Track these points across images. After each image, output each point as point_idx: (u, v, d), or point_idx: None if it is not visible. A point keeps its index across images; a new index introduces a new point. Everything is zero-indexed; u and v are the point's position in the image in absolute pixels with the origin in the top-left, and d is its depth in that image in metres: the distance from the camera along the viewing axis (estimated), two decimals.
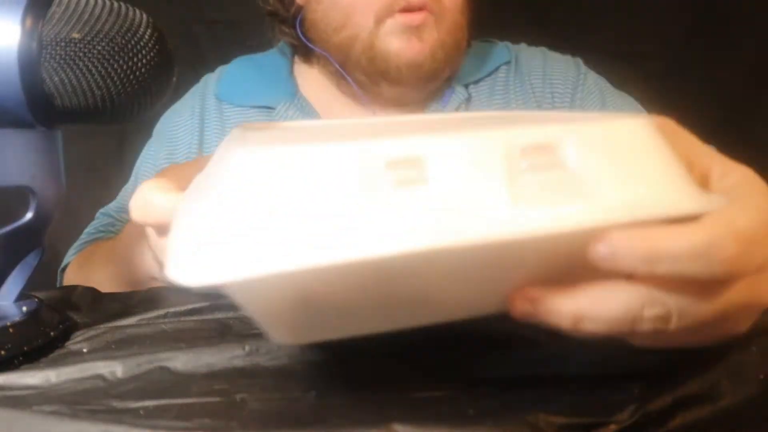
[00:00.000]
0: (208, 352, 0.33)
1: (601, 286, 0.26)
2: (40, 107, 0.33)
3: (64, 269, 0.73)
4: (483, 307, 0.28)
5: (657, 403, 0.27)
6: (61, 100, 0.33)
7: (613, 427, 0.26)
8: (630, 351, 0.28)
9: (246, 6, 0.82)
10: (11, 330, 0.35)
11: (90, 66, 0.33)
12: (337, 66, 0.74)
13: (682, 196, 0.26)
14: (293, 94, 0.79)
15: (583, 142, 0.26)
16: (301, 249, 0.23)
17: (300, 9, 0.77)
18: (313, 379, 0.31)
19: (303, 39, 0.77)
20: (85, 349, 0.36)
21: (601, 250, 0.25)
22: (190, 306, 0.39)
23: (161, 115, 0.82)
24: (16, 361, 0.34)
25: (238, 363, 0.32)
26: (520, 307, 0.27)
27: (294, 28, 0.78)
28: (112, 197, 0.81)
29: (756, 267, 0.26)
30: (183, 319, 0.38)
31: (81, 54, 0.32)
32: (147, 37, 0.34)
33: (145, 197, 0.34)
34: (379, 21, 0.70)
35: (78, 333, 0.38)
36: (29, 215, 0.37)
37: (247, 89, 0.80)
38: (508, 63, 0.80)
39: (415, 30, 0.70)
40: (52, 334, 0.37)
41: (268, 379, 0.31)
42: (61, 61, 0.32)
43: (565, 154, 0.26)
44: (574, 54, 0.83)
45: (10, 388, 0.31)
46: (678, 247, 0.24)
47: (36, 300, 0.39)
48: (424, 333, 0.27)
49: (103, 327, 0.38)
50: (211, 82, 0.82)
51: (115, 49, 0.33)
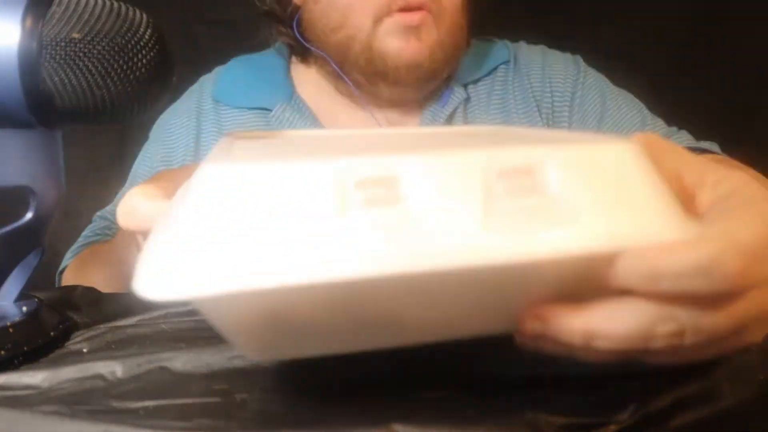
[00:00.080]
0: (208, 352, 0.33)
1: (612, 303, 0.25)
2: (40, 107, 0.33)
3: (62, 272, 0.73)
4: (465, 330, 0.28)
5: (657, 403, 0.27)
6: (61, 100, 0.33)
7: (613, 427, 0.26)
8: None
9: (246, 6, 0.81)
10: (11, 330, 0.35)
11: (90, 66, 0.33)
12: (334, 66, 0.73)
13: (665, 226, 0.25)
14: (290, 95, 0.78)
15: (565, 166, 0.26)
16: (267, 268, 0.23)
17: (297, 9, 0.76)
18: (313, 379, 0.31)
19: (300, 39, 0.76)
20: (85, 349, 0.36)
21: (602, 271, 0.25)
22: (190, 306, 0.39)
23: (159, 116, 0.82)
24: (16, 361, 0.34)
25: (238, 363, 0.32)
26: (530, 327, 0.26)
27: (291, 28, 0.77)
28: (112, 197, 0.81)
29: (764, 278, 0.25)
30: (183, 319, 0.38)
31: (81, 54, 0.32)
32: (147, 37, 0.34)
33: (131, 204, 0.34)
34: (377, 21, 0.69)
35: (78, 333, 0.38)
36: (29, 215, 0.37)
37: (244, 91, 0.79)
38: (507, 62, 0.80)
39: (414, 30, 0.69)
40: (52, 334, 0.37)
41: (268, 379, 0.31)
42: (61, 61, 0.32)
43: (544, 178, 0.25)
44: (573, 53, 0.83)
45: (10, 388, 0.31)
46: (679, 264, 0.24)
47: (36, 300, 0.39)
48: None
49: (103, 327, 0.38)
50: (207, 84, 0.82)
51: (115, 49, 0.33)
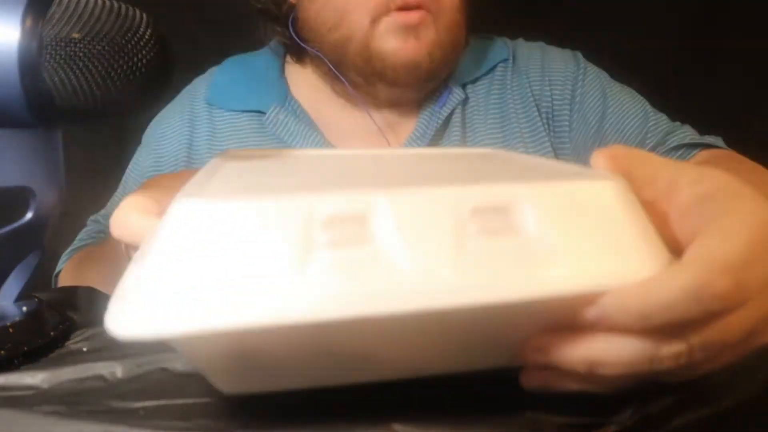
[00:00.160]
0: None
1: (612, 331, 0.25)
2: (40, 107, 0.33)
3: (57, 275, 0.73)
4: (443, 365, 0.27)
5: (657, 403, 0.27)
6: (61, 100, 0.33)
7: (613, 427, 0.26)
8: None
9: (246, 6, 0.80)
10: (11, 330, 0.35)
11: (90, 66, 0.33)
12: (330, 67, 0.72)
13: (645, 262, 0.25)
14: (284, 96, 0.76)
15: (540, 204, 0.25)
16: (234, 308, 0.23)
17: (292, 7, 0.75)
18: None
19: (295, 38, 0.74)
20: (85, 349, 0.36)
21: (591, 314, 0.24)
22: None
23: (154, 118, 0.80)
24: (16, 361, 0.34)
25: None
26: (532, 357, 0.26)
27: (286, 27, 0.75)
28: (111, 198, 0.81)
29: (759, 286, 0.25)
30: None
31: (81, 54, 0.32)
32: (147, 37, 0.34)
33: (123, 217, 0.35)
34: (374, 20, 0.67)
35: (78, 333, 0.38)
36: (29, 215, 0.37)
37: (238, 93, 0.78)
38: (505, 60, 0.78)
39: (413, 29, 0.67)
40: (52, 334, 0.37)
41: None
42: (61, 61, 0.32)
43: (519, 217, 0.25)
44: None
45: (10, 388, 0.31)
46: (667, 297, 0.24)
47: (36, 300, 0.39)
48: None
49: (102, 327, 0.38)
50: (201, 86, 0.80)
51: (115, 49, 0.33)
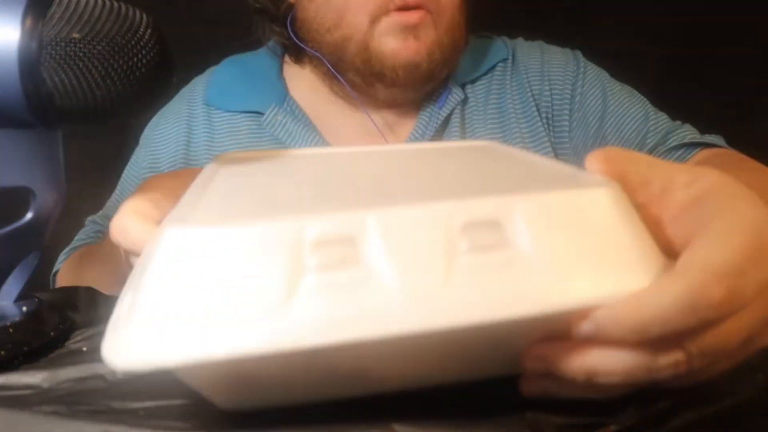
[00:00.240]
0: None
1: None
2: (40, 107, 0.33)
3: (55, 274, 0.73)
4: (439, 378, 0.27)
5: (657, 403, 0.27)
6: (61, 100, 0.33)
7: (613, 427, 0.26)
8: None
9: (246, 6, 0.80)
10: (11, 330, 0.35)
11: (90, 66, 0.33)
12: (329, 67, 0.71)
13: (641, 273, 0.25)
14: (282, 97, 0.76)
15: (532, 217, 0.25)
16: (225, 337, 0.23)
17: (291, 7, 0.74)
18: None
19: (294, 39, 0.74)
20: (84, 349, 0.36)
21: (585, 329, 0.24)
22: None
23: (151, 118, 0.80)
24: (16, 361, 0.34)
25: None
26: (531, 366, 0.26)
27: (285, 27, 0.75)
28: None
29: (755, 291, 0.25)
30: None
31: (81, 54, 0.32)
32: (147, 37, 0.34)
33: (123, 224, 0.35)
34: (374, 20, 0.67)
35: (78, 333, 0.38)
36: (29, 215, 0.37)
37: (236, 94, 0.77)
38: (505, 60, 0.78)
39: (412, 29, 0.67)
40: (52, 334, 0.37)
41: None
42: (61, 61, 0.32)
43: (511, 231, 0.25)
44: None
45: (10, 388, 0.31)
46: (662, 309, 0.23)
47: (36, 300, 0.39)
48: None
49: (103, 327, 0.38)
50: (199, 86, 0.80)
51: (115, 49, 0.33)
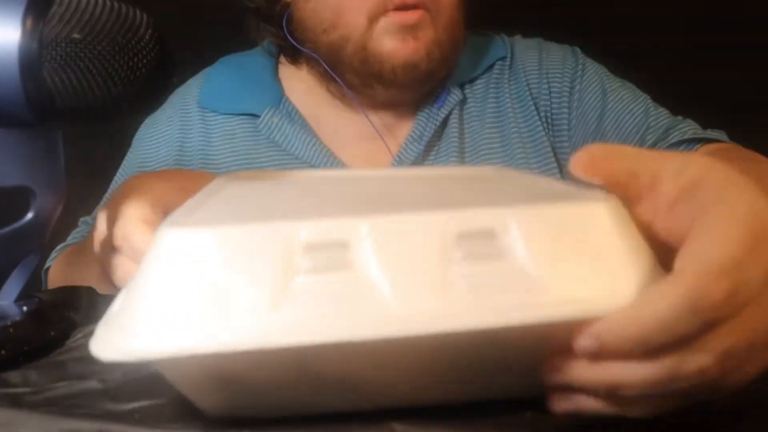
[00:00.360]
0: None
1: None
2: (41, 107, 0.33)
3: (46, 271, 0.73)
4: (434, 395, 0.27)
5: None
6: (62, 100, 0.33)
7: (612, 428, 0.26)
8: None
9: (241, 5, 0.80)
10: (11, 330, 0.35)
11: (90, 66, 0.33)
12: (327, 68, 0.71)
13: (637, 289, 0.24)
14: (278, 98, 0.75)
15: (528, 228, 0.25)
16: (211, 332, 0.23)
17: (286, 7, 0.73)
18: None
19: (290, 39, 0.73)
20: (84, 349, 0.36)
21: (587, 344, 0.23)
22: None
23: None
24: (16, 361, 0.34)
25: None
26: (550, 379, 0.25)
27: (280, 27, 0.74)
28: None
29: (761, 280, 0.24)
30: None
31: (82, 54, 0.32)
32: (147, 37, 0.34)
33: (129, 231, 0.35)
34: (372, 20, 0.66)
35: (78, 333, 0.38)
36: (29, 215, 0.37)
37: (231, 95, 0.76)
38: (503, 58, 0.77)
39: (411, 29, 0.66)
40: (52, 334, 0.37)
41: None
42: (62, 62, 0.32)
43: (506, 241, 0.25)
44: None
45: (10, 387, 0.31)
46: (661, 316, 0.23)
47: (36, 300, 0.39)
48: None
49: None
50: (193, 88, 0.79)
51: (116, 49, 0.33)
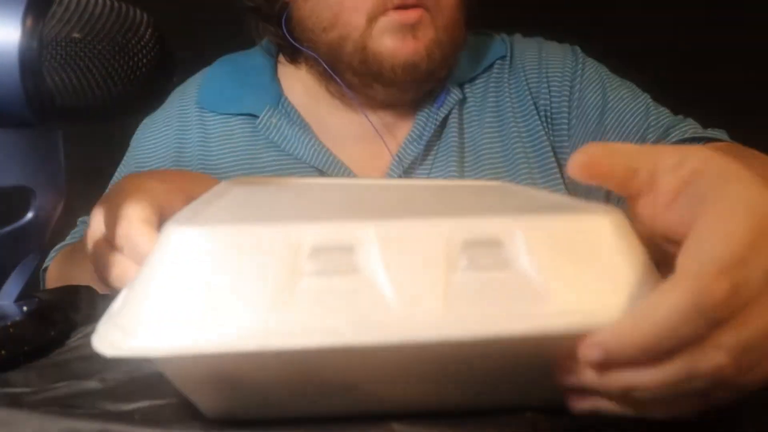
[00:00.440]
0: None
1: None
2: (41, 107, 0.33)
3: (44, 270, 0.73)
4: (437, 401, 0.27)
5: None
6: (62, 99, 0.33)
7: (612, 428, 0.26)
8: None
9: (240, 4, 0.79)
10: (11, 330, 0.35)
11: (90, 66, 0.33)
12: (326, 67, 0.70)
13: (635, 301, 0.24)
14: (277, 98, 0.75)
15: (533, 239, 0.25)
16: (214, 332, 0.23)
17: (285, 5, 0.73)
18: None
19: (289, 38, 0.72)
20: (84, 348, 0.36)
21: (593, 354, 0.23)
22: None
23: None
24: (16, 361, 0.34)
25: None
26: (564, 379, 0.25)
27: (279, 26, 0.73)
28: None
29: (764, 274, 0.23)
30: None
31: (82, 54, 0.32)
32: (147, 36, 0.34)
33: (130, 231, 0.35)
34: (371, 19, 0.65)
35: (78, 333, 0.38)
36: (29, 215, 0.37)
37: (229, 96, 0.76)
38: (503, 57, 0.77)
39: (410, 28, 0.66)
40: (52, 334, 0.37)
41: None
42: (62, 61, 0.32)
43: (511, 251, 0.24)
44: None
45: (10, 387, 0.31)
46: (664, 319, 0.22)
47: (36, 300, 0.39)
48: None
49: None
50: (191, 88, 0.79)
51: (116, 48, 0.33)
